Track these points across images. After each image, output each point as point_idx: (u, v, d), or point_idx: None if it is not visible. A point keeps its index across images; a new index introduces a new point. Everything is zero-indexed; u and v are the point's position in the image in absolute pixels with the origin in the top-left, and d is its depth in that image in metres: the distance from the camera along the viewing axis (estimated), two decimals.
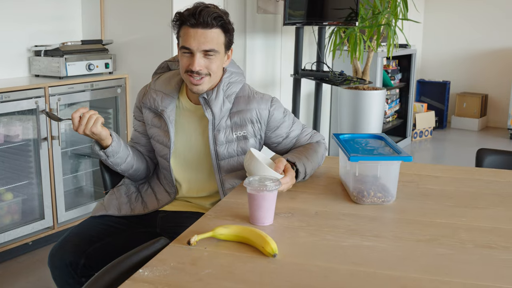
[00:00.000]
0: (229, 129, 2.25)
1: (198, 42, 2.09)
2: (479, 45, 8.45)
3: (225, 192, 2.25)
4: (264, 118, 2.27)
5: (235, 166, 2.27)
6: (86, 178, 4.36)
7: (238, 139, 2.26)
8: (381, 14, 5.27)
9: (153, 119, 2.31)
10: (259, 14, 5.00)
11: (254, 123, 2.26)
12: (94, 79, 3.98)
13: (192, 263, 1.50)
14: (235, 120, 2.25)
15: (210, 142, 2.23)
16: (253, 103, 2.26)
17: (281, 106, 2.33)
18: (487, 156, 2.72)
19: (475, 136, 7.93)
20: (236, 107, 2.26)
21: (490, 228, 1.77)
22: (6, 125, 3.59)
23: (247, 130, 2.26)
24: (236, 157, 2.27)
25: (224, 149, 2.24)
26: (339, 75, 4.90)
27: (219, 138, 2.23)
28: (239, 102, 2.26)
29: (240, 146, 2.27)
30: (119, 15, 4.29)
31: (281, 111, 2.32)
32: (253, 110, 2.25)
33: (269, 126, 2.30)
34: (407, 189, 2.14)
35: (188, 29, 2.10)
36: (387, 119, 7.00)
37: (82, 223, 2.29)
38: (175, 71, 2.35)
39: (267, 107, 2.27)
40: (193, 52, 2.11)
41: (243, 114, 2.25)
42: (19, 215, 3.75)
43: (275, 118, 2.29)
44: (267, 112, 2.27)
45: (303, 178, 2.18)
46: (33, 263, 3.60)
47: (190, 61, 2.12)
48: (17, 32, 3.99)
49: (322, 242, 1.66)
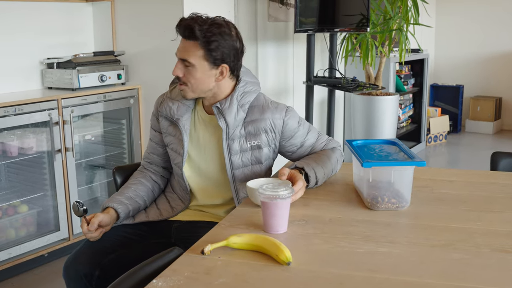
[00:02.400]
0: (243, 138, 2.25)
1: (179, 51, 2.18)
2: (491, 48, 8.40)
3: (239, 200, 2.25)
4: (278, 127, 2.27)
5: (249, 175, 2.27)
6: (101, 189, 4.37)
7: (252, 149, 2.26)
8: (393, 19, 5.26)
9: (168, 127, 2.32)
10: (270, 22, 5.01)
11: (268, 132, 2.26)
12: (106, 90, 3.99)
13: (206, 273, 1.50)
14: (249, 130, 2.25)
15: (225, 151, 2.23)
16: (267, 112, 2.26)
17: (296, 116, 2.33)
18: (502, 159, 2.70)
19: (490, 139, 7.87)
20: (250, 117, 2.26)
21: (506, 232, 1.75)
22: (20, 137, 3.62)
23: (261, 139, 2.26)
24: (250, 166, 2.27)
25: (239, 159, 2.25)
26: (351, 81, 4.89)
27: (233, 147, 2.23)
28: (253, 111, 2.26)
29: (254, 155, 2.27)
30: (131, 26, 4.31)
31: (296, 121, 2.31)
32: (267, 119, 2.25)
33: (284, 136, 2.30)
34: (421, 194, 2.12)
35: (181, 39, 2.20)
36: (401, 124, 6.98)
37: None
38: None
39: (281, 116, 2.27)
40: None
41: (257, 124, 2.25)
42: (35, 227, 3.76)
43: (289, 128, 2.29)
44: (281, 121, 2.27)
45: (316, 184, 2.18)
46: (49, 275, 3.61)
47: None
48: (30, 45, 4.02)
49: (337, 249, 1.65)
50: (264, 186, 1.80)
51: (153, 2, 4.15)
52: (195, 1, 4.06)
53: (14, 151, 3.61)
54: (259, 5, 4.87)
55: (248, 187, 2.02)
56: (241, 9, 4.62)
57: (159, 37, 4.16)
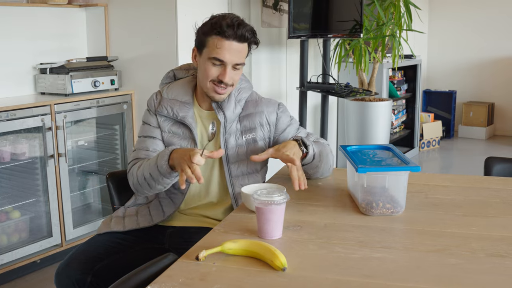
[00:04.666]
0: (238, 132, 2.29)
1: (232, 55, 2.13)
2: (484, 53, 8.44)
3: (235, 196, 2.27)
4: (273, 120, 2.35)
5: (245, 170, 2.30)
6: (94, 195, 4.35)
7: (247, 142, 2.30)
8: (386, 25, 5.27)
9: (171, 127, 2.29)
10: (264, 28, 5.01)
11: (264, 125, 2.32)
12: (100, 95, 3.98)
13: (201, 279, 1.49)
14: (244, 124, 2.31)
15: (222, 145, 2.26)
16: (261, 106, 2.34)
17: (287, 111, 2.42)
18: (496, 165, 2.71)
19: (483, 145, 7.90)
20: (245, 111, 2.32)
21: (501, 237, 1.75)
22: (13, 143, 3.60)
23: (256, 133, 2.31)
24: (246, 160, 2.29)
25: (234, 153, 2.27)
26: (345, 87, 4.89)
27: (229, 141, 2.27)
28: (247, 106, 2.34)
29: (250, 149, 2.30)
30: (124, 31, 4.30)
31: (288, 116, 2.40)
32: (262, 113, 2.32)
33: (277, 129, 2.36)
34: (416, 200, 2.12)
35: (222, 41, 2.12)
36: (394, 130, 6.99)
37: (88, 240, 2.27)
38: (185, 80, 2.37)
39: (275, 109, 2.36)
40: (224, 64, 2.15)
41: (252, 117, 2.31)
42: (27, 233, 3.74)
43: (282, 121, 2.37)
44: (275, 114, 2.35)
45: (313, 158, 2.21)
46: (41, 281, 3.59)
47: (219, 71, 2.17)
48: (22, 50, 4.01)
49: (332, 254, 1.64)
50: (259, 191, 1.79)
51: (147, 8, 4.15)
52: (189, 7, 4.06)
53: (7, 156, 3.59)
54: (252, 11, 4.87)
55: (242, 192, 2.01)
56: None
57: (153, 43, 4.15)
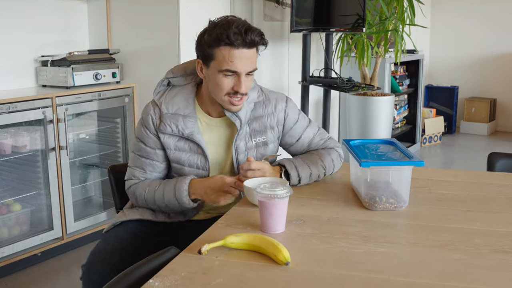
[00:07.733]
0: (248, 136, 2.23)
1: (244, 64, 2.02)
2: (486, 49, 8.41)
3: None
4: (281, 120, 2.29)
5: None
6: (95, 188, 4.34)
7: (257, 145, 2.25)
8: (388, 20, 5.25)
9: (176, 143, 2.19)
10: (266, 21, 4.99)
11: (274, 128, 2.28)
12: (101, 88, 3.97)
13: (204, 273, 1.48)
14: (254, 127, 2.24)
15: (233, 151, 2.21)
16: (269, 106, 2.27)
17: (295, 106, 2.35)
18: (499, 160, 2.70)
19: (485, 140, 7.88)
20: (253, 114, 2.24)
21: (506, 233, 1.74)
22: (14, 135, 3.59)
23: (267, 136, 2.27)
24: None
25: (244, 157, 2.23)
26: (347, 81, 4.88)
27: (240, 146, 2.22)
28: (256, 108, 2.26)
29: (260, 152, 2.26)
30: (126, 24, 4.29)
31: (296, 111, 2.34)
32: (271, 114, 2.26)
33: (285, 127, 2.32)
34: (419, 195, 2.11)
35: (232, 51, 1.99)
36: (396, 125, 6.97)
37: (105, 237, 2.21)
38: (184, 90, 2.23)
39: (283, 107, 2.29)
40: (238, 74, 2.04)
41: (262, 120, 2.25)
42: (28, 226, 3.74)
43: (290, 118, 2.31)
44: (283, 113, 2.29)
45: (299, 182, 2.19)
46: (42, 275, 3.58)
47: (233, 83, 2.05)
48: (24, 43, 3.99)
49: (335, 249, 1.63)
50: (262, 185, 1.78)
51: (149, 0, 4.13)
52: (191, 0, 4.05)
53: (8, 149, 3.58)
54: (255, 5, 4.86)
55: (245, 186, 2.00)
56: (237, 9, 4.60)
57: (155, 36, 4.14)
